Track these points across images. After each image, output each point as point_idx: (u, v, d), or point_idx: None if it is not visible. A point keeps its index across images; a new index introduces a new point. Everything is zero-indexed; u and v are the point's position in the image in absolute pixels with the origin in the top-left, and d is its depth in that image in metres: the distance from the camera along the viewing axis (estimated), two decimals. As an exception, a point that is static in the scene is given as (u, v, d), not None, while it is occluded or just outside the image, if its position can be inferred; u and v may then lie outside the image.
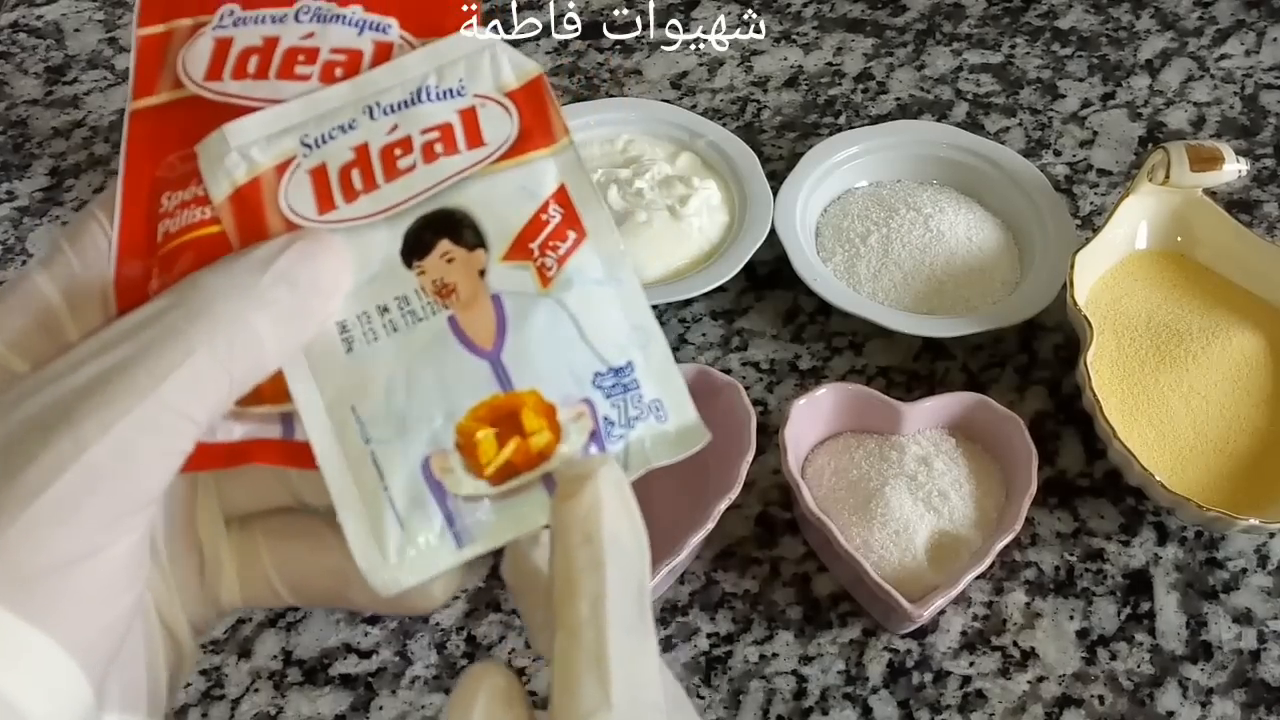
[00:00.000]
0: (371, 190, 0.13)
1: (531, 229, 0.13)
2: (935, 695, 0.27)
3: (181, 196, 0.13)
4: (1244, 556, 0.30)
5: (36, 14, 0.44)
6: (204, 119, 0.13)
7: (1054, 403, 0.33)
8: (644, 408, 0.13)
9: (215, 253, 0.13)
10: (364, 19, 0.13)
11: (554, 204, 0.13)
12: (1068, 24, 0.44)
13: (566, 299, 0.13)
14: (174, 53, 0.14)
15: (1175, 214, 0.33)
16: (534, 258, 0.13)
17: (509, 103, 0.13)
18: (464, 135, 0.13)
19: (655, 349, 0.13)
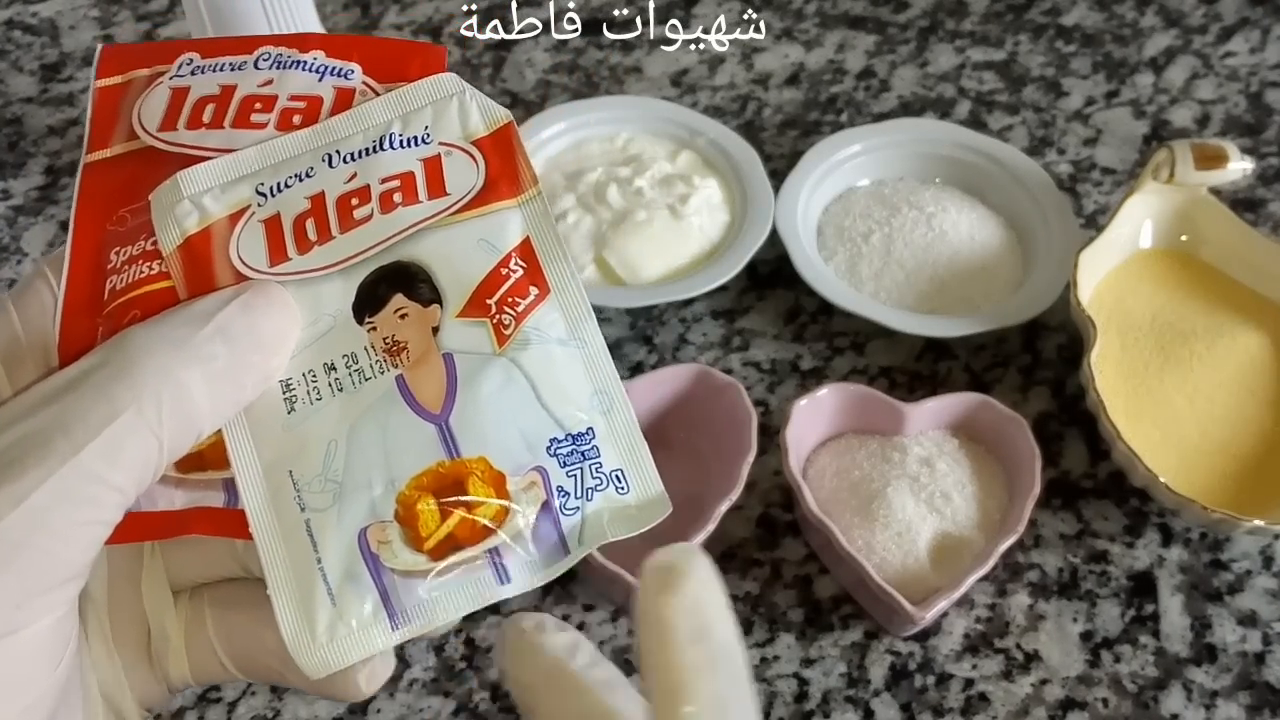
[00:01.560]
0: (326, 241, 0.12)
1: (489, 284, 0.12)
2: (938, 698, 0.27)
3: (130, 251, 0.12)
4: (1249, 558, 0.29)
5: (31, 11, 0.44)
6: (157, 170, 0.12)
7: (1057, 403, 0.32)
8: (603, 477, 0.12)
9: (162, 308, 0.12)
10: (325, 64, 0.13)
11: (516, 258, 0.12)
12: (1071, 21, 0.44)
13: (522, 359, 0.12)
14: (130, 104, 0.13)
15: (1180, 213, 0.33)
16: (490, 314, 0.12)
17: (475, 151, 0.13)
18: (425, 184, 0.12)
19: (619, 414, 0.12)
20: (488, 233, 0.12)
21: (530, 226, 0.13)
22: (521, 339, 0.12)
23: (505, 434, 0.12)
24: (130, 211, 0.13)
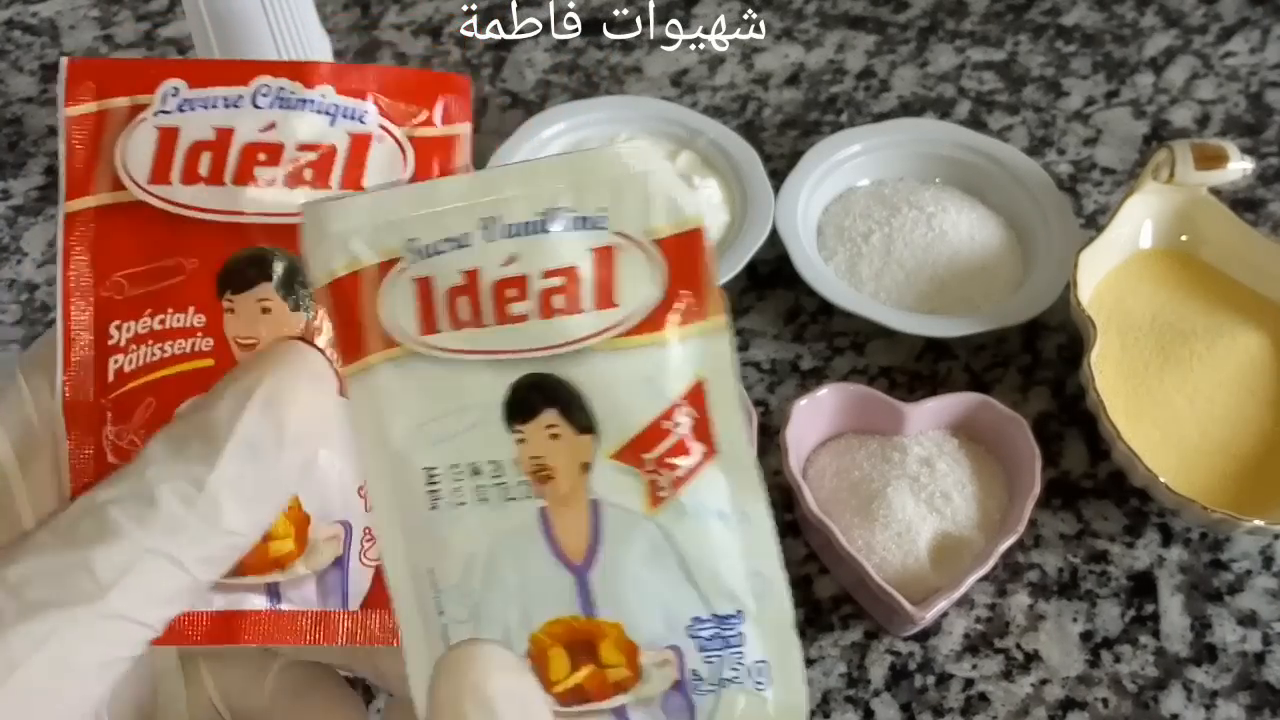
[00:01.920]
0: (478, 326, 0.10)
1: (649, 436, 0.10)
2: (938, 698, 0.27)
3: (135, 329, 0.11)
4: (1249, 558, 0.29)
5: (31, 11, 0.44)
6: (153, 230, 0.11)
7: (1057, 403, 0.32)
8: (742, 669, 0.11)
9: (180, 397, 0.11)
10: (335, 104, 0.11)
11: (685, 407, 0.10)
12: (1071, 21, 0.44)
13: (675, 530, 0.10)
14: (110, 140, 0.11)
15: (1180, 213, 0.33)
16: (645, 469, 0.10)
17: (656, 253, 0.10)
18: (593, 289, 0.10)
19: (773, 602, 0.11)
20: (656, 372, 0.10)
21: (708, 368, 0.10)
22: (677, 508, 0.10)
23: (645, 605, 0.11)
24: (127, 278, 0.11)
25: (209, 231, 0.11)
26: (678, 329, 0.10)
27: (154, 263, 0.11)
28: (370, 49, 0.42)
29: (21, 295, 0.35)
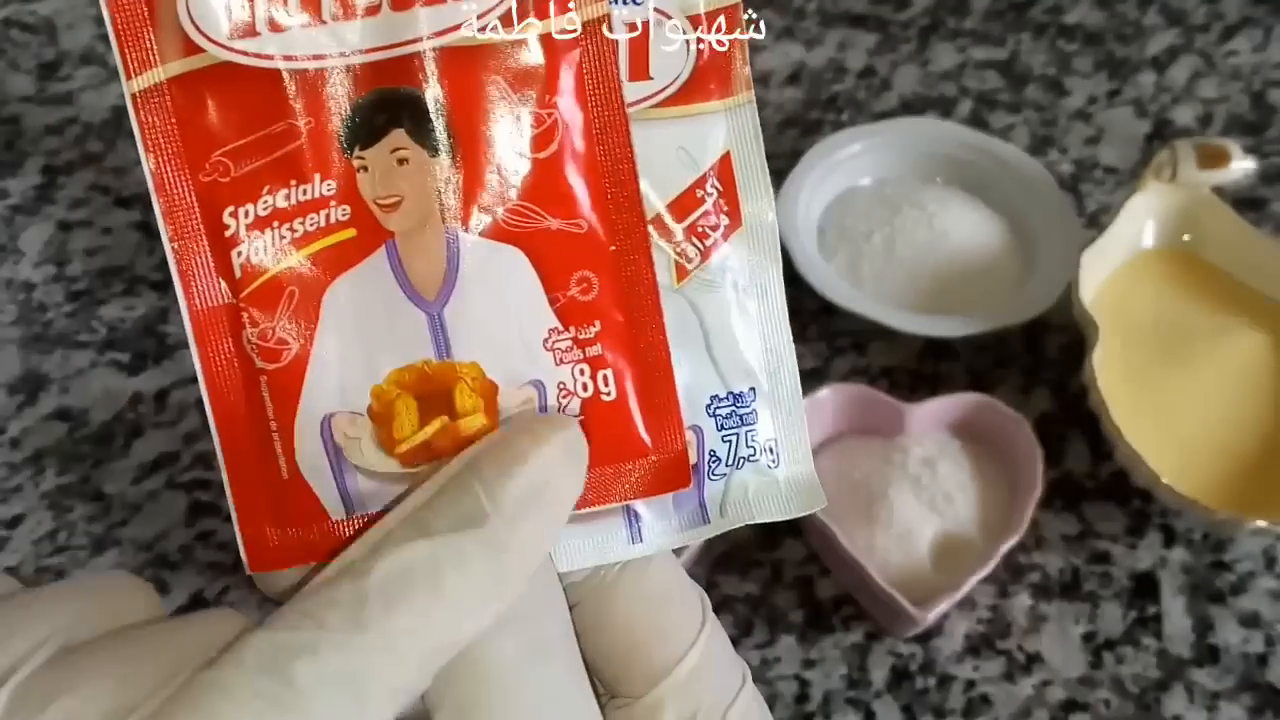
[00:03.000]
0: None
1: (681, 204, 0.10)
2: (939, 700, 0.26)
3: (255, 212, 0.09)
4: (1252, 559, 0.29)
5: (29, 10, 0.43)
6: (249, 93, 0.09)
7: (1060, 403, 0.32)
8: (757, 447, 0.10)
9: (325, 277, 0.09)
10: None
11: (714, 177, 0.10)
12: (1073, 20, 0.44)
13: (701, 302, 0.10)
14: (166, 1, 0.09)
15: (1182, 212, 0.33)
16: (675, 242, 0.10)
17: (690, 28, 0.10)
18: (628, 58, 0.10)
19: (785, 379, 0.10)
20: (689, 140, 0.10)
21: (735, 139, 0.10)
22: (703, 279, 0.10)
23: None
24: (230, 156, 0.09)
25: (318, 81, 0.09)
26: (708, 102, 0.10)
27: (259, 131, 0.09)
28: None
29: (19, 295, 0.35)
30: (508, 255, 0.09)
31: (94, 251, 0.36)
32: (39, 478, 0.30)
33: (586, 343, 0.09)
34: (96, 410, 0.32)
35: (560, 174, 0.09)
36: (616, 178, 0.09)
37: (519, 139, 0.09)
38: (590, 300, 0.09)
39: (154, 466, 0.30)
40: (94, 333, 0.34)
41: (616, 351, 0.09)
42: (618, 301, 0.09)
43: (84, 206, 0.37)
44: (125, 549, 0.29)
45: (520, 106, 0.09)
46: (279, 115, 0.09)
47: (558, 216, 0.09)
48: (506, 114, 0.09)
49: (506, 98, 0.09)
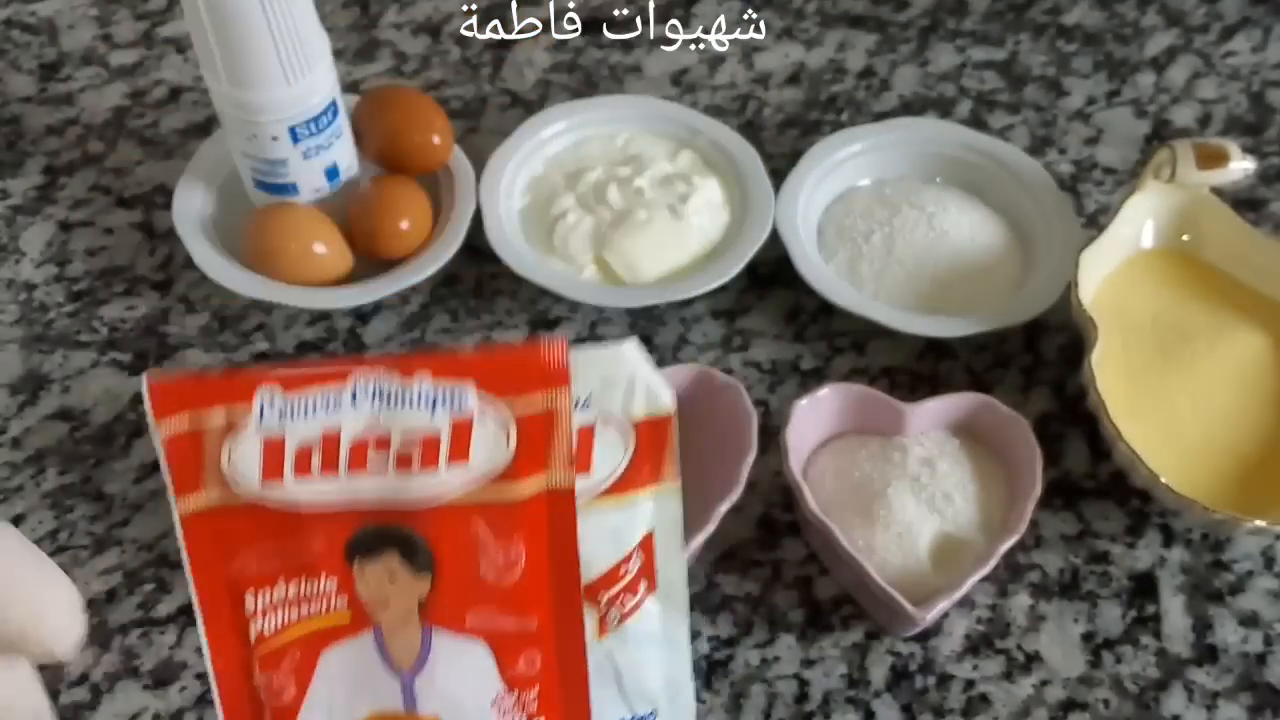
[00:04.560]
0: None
1: (607, 579, 0.12)
2: (939, 699, 0.26)
3: (271, 596, 0.12)
4: (1250, 559, 0.29)
5: (29, 10, 0.43)
6: (272, 524, 0.12)
7: (1059, 403, 0.32)
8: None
9: (328, 641, 0.12)
10: (434, 392, 0.11)
11: (638, 552, 0.12)
12: (1073, 20, 0.44)
13: (617, 652, 0.12)
14: (212, 449, 0.12)
15: (1181, 212, 0.33)
16: (600, 606, 0.12)
17: (632, 431, 0.12)
18: (576, 459, 0.12)
19: (681, 700, 0.13)
20: (620, 524, 0.12)
21: (659, 521, 0.13)
22: (621, 635, 0.12)
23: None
24: (256, 555, 0.12)
25: (328, 518, 0.12)
26: (639, 490, 0.12)
27: (280, 540, 0.12)
28: (369, 48, 0.42)
29: (20, 295, 0.35)
30: (470, 645, 0.12)
31: (95, 252, 0.36)
32: (40, 477, 0.30)
33: (526, 702, 0.12)
34: (97, 410, 0.32)
35: (520, 591, 0.12)
36: (564, 586, 0.12)
37: (489, 568, 0.12)
38: (533, 672, 0.12)
39: (155, 466, 0.30)
40: (95, 333, 0.34)
41: (550, 706, 0.12)
42: (555, 668, 0.12)
43: (85, 207, 0.37)
44: (126, 549, 0.29)
45: (494, 545, 0.12)
46: (296, 534, 0.11)
47: (513, 616, 0.12)
48: (481, 550, 0.12)
49: (483, 539, 0.12)
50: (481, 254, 0.34)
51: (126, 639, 0.27)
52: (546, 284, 0.33)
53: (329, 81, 0.31)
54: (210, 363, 0.33)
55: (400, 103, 0.34)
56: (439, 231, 0.34)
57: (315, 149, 0.32)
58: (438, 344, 0.33)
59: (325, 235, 0.32)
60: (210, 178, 0.35)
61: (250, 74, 0.29)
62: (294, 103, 0.30)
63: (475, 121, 0.40)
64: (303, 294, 0.32)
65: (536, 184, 0.36)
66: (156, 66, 0.41)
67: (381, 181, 0.34)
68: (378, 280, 0.33)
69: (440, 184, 0.35)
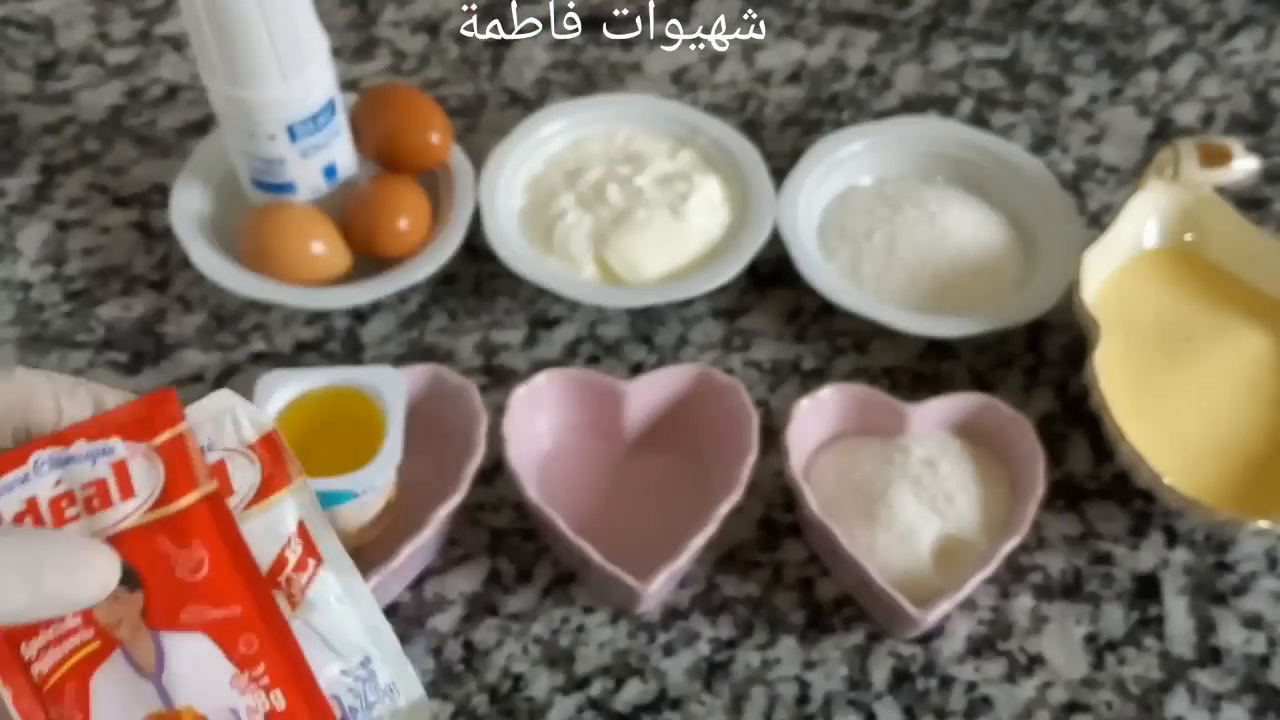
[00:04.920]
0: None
1: (278, 564, 0.16)
2: (941, 701, 0.26)
3: (35, 643, 0.15)
4: (1254, 560, 0.29)
5: (26, 8, 0.43)
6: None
7: (1061, 403, 0.32)
8: (380, 691, 0.16)
9: (92, 667, 0.15)
10: (90, 449, 0.15)
11: (295, 539, 0.16)
12: (1075, 18, 0.43)
13: (311, 619, 0.15)
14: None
15: (1185, 211, 0.33)
16: (284, 587, 0.15)
17: (252, 454, 0.16)
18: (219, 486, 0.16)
19: (385, 641, 0.16)
20: (273, 522, 0.16)
21: (304, 510, 0.16)
22: (308, 604, 0.16)
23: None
24: (26, 635, 0.15)
25: None
26: (277, 493, 0.16)
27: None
28: (367, 46, 0.42)
29: (16, 295, 0.34)
30: (194, 639, 0.15)
31: (91, 251, 0.36)
32: (36, 478, 0.30)
33: (258, 677, 0.15)
34: (94, 410, 0.32)
35: (213, 585, 0.15)
36: (248, 573, 0.15)
37: (182, 569, 0.15)
38: (254, 651, 0.15)
39: (152, 467, 0.30)
40: (92, 332, 0.33)
41: (277, 677, 0.15)
42: (271, 645, 0.15)
43: (81, 206, 0.37)
44: (123, 550, 0.29)
45: (178, 550, 0.15)
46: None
47: (219, 607, 0.15)
48: (171, 559, 0.15)
49: (167, 549, 0.15)
50: (480, 253, 0.34)
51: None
52: (546, 284, 0.32)
53: (327, 80, 0.31)
54: (208, 362, 0.33)
55: (399, 101, 0.34)
56: (438, 231, 0.34)
57: (313, 148, 0.32)
58: (436, 344, 0.33)
59: (323, 234, 0.32)
60: (208, 177, 0.35)
61: (248, 72, 0.29)
62: (292, 101, 0.30)
63: (474, 120, 0.39)
64: (300, 294, 0.32)
65: (536, 183, 0.36)
66: (154, 65, 0.41)
67: (380, 180, 0.34)
68: (376, 280, 0.33)
69: (439, 183, 0.35)
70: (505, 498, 0.30)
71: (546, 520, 0.26)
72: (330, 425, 0.26)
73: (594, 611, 0.28)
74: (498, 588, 0.28)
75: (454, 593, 0.28)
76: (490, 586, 0.28)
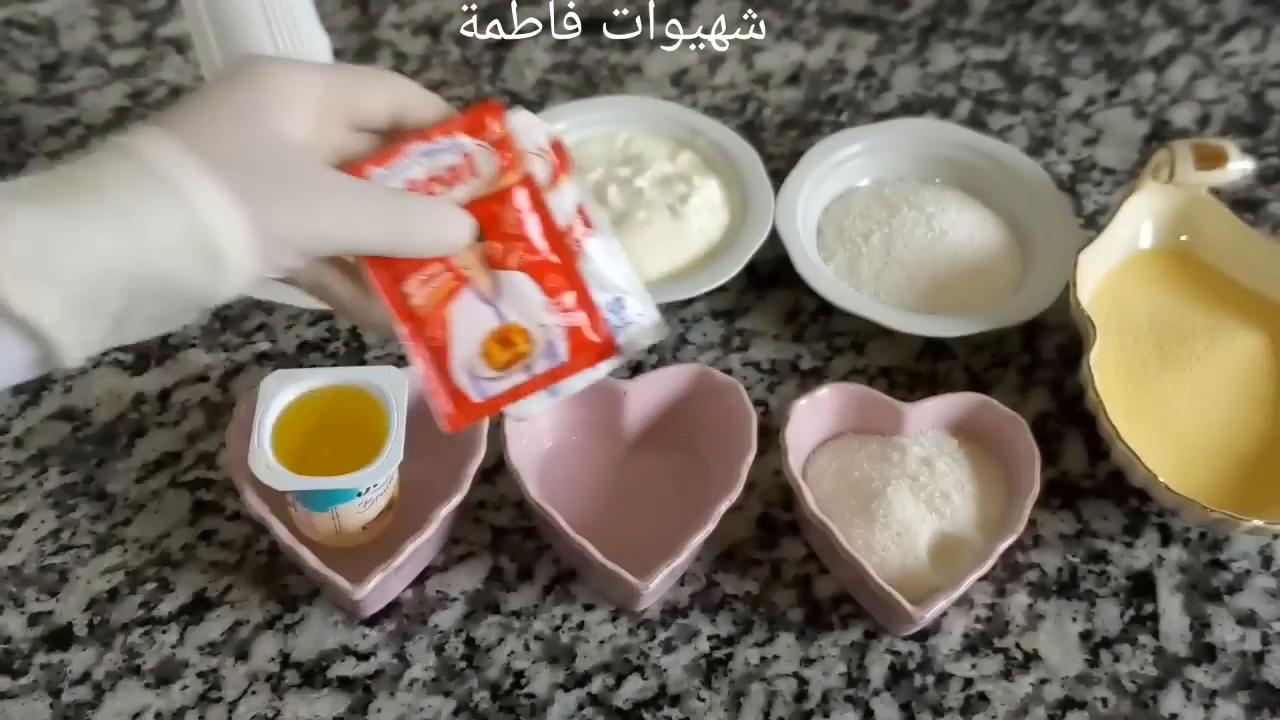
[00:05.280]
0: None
1: (568, 228, 0.22)
2: (937, 697, 0.27)
3: (413, 282, 0.21)
4: (1248, 558, 0.29)
5: (30, 11, 0.43)
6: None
7: (1057, 403, 0.32)
8: (630, 314, 0.22)
9: (450, 298, 0.21)
10: (449, 144, 0.21)
11: (578, 215, 0.22)
12: (1073, 20, 0.44)
13: (587, 266, 0.22)
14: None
15: (1180, 213, 0.33)
16: (569, 243, 0.22)
17: (545, 152, 0.22)
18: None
19: (634, 283, 0.23)
20: (561, 199, 0.22)
21: (580, 193, 0.22)
22: (585, 255, 0.22)
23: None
24: (401, 275, 0.21)
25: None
26: (562, 178, 0.22)
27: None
28: (369, 48, 0.42)
29: (22, 295, 0.35)
30: (519, 276, 0.22)
31: (96, 252, 0.36)
32: (42, 477, 0.30)
33: (560, 302, 0.22)
34: (100, 410, 0.32)
35: (529, 238, 0.22)
36: (549, 230, 0.22)
37: (509, 227, 0.22)
38: (557, 285, 0.22)
39: (157, 466, 0.31)
40: (96, 333, 0.34)
41: (576, 304, 0.22)
42: (567, 281, 0.22)
43: (86, 207, 0.37)
44: (128, 547, 0.29)
45: (506, 213, 0.22)
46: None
47: (533, 254, 0.22)
48: (501, 217, 0.22)
49: (500, 211, 0.22)
50: (482, 254, 0.35)
51: (129, 638, 0.27)
52: (547, 284, 0.33)
53: (330, 82, 0.31)
54: (211, 363, 0.33)
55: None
56: (440, 231, 0.34)
57: (316, 149, 0.32)
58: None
59: (326, 235, 0.32)
60: (211, 178, 0.35)
61: (251, 74, 0.30)
62: (295, 103, 0.30)
63: (475, 121, 0.40)
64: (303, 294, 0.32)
65: (537, 184, 0.36)
66: (157, 66, 0.41)
67: (382, 181, 0.34)
68: (379, 280, 0.33)
69: (441, 184, 0.35)
70: (506, 496, 0.30)
71: (547, 518, 0.27)
72: (334, 424, 0.27)
73: (594, 609, 0.28)
74: (499, 585, 0.28)
75: (456, 590, 0.28)
76: (492, 584, 0.28)
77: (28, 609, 0.28)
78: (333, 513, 0.26)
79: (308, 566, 0.26)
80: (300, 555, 0.26)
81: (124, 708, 0.26)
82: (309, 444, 0.26)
